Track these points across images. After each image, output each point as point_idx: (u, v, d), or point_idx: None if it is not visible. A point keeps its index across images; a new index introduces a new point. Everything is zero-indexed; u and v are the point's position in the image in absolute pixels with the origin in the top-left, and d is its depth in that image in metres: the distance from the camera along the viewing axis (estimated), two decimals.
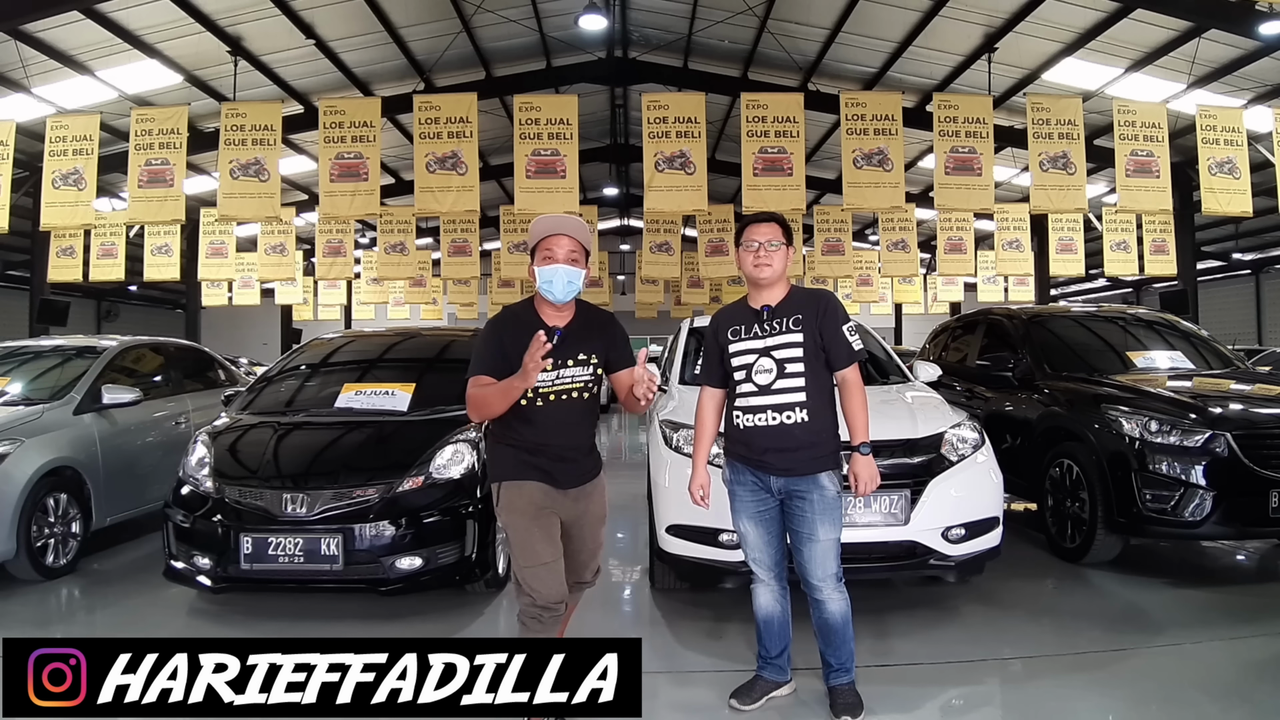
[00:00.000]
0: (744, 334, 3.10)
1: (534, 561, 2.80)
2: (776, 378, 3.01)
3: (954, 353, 7.21)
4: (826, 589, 3.02)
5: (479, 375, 2.80)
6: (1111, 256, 14.36)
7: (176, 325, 21.24)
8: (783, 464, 3.01)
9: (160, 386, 6.41)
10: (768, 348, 3.04)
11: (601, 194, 21.25)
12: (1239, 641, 3.86)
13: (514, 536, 2.85)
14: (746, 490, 3.13)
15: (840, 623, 3.05)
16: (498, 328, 2.91)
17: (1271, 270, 23.28)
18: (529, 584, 2.78)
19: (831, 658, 3.10)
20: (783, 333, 3.04)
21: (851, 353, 3.03)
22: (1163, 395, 4.93)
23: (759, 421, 3.02)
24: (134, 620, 4.37)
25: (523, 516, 2.83)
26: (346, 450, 4.44)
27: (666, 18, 13.28)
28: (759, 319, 3.09)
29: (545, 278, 2.82)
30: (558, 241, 2.84)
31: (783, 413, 3.00)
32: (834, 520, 3.01)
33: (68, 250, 13.58)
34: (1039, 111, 10.13)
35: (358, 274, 20.50)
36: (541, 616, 2.77)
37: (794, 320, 3.04)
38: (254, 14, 10.82)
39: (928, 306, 22.79)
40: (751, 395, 3.05)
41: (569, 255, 2.83)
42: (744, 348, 3.08)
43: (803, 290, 3.19)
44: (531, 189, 10.07)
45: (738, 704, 3.19)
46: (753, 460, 3.07)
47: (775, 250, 3.07)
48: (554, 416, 2.85)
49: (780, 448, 3.00)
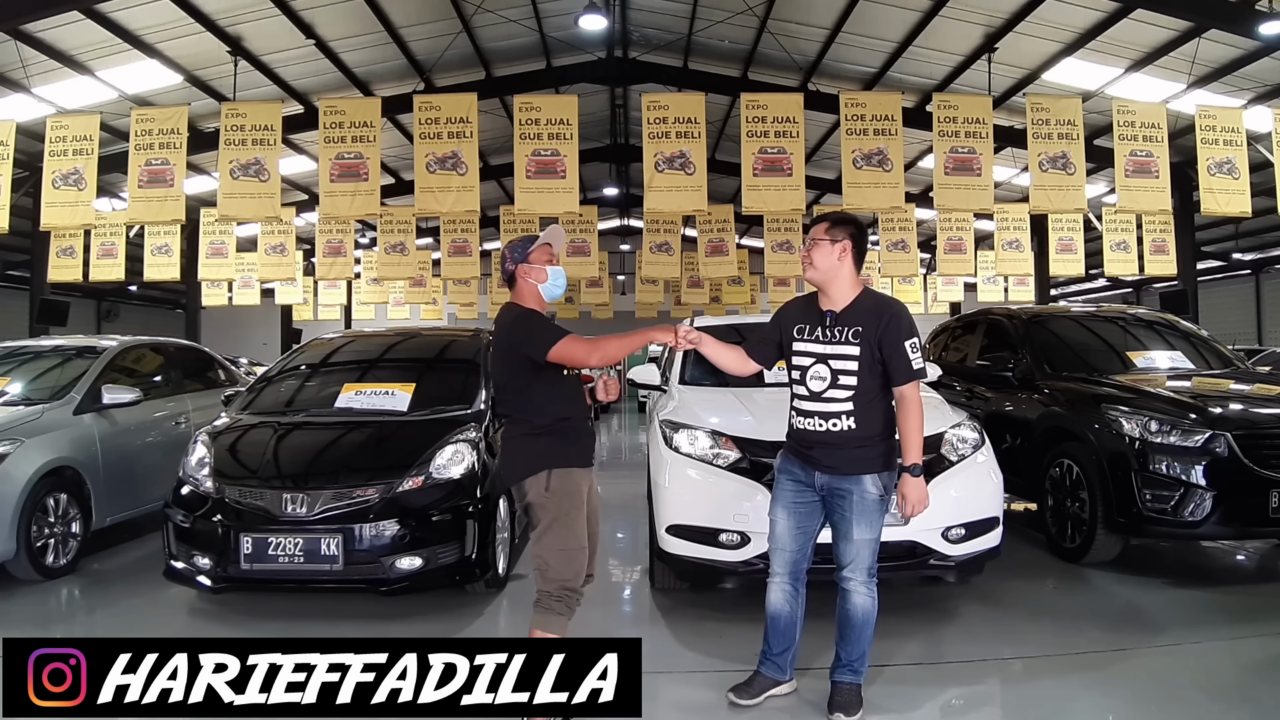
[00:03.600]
0: (807, 335, 3.09)
1: (578, 544, 2.98)
2: (829, 387, 3.01)
3: (954, 353, 7.21)
4: (855, 581, 3.05)
5: (565, 335, 3.01)
6: (1111, 256, 14.36)
7: (176, 325, 21.22)
8: (829, 461, 3.03)
9: (160, 386, 6.41)
10: (826, 355, 3.03)
11: (601, 194, 21.23)
12: (1239, 641, 3.86)
13: (563, 520, 2.98)
14: (790, 480, 3.15)
15: (860, 619, 3.05)
16: (544, 313, 3.19)
17: (1271, 270, 23.26)
18: (571, 566, 2.95)
19: (843, 652, 3.10)
20: (841, 343, 3.01)
21: (910, 371, 2.96)
22: (1163, 395, 4.94)
23: (809, 425, 3.06)
24: (134, 620, 4.37)
25: (576, 500, 3.01)
26: (346, 450, 4.45)
27: (666, 18, 13.28)
28: (823, 323, 3.07)
29: (556, 275, 3.21)
30: (549, 250, 3.23)
31: (829, 420, 3.01)
32: (871, 522, 3.01)
33: (68, 250, 13.57)
34: (1039, 112, 10.12)
35: (358, 274, 20.48)
36: (573, 599, 2.96)
37: (854, 332, 3.00)
38: (254, 14, 10.82)
39: (928, 306, 22.75)
40: (804, 399, 3.07)
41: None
42: (805, 349, 3.09)
43: (872, 297, 3.10)
44: (531, 189, 10.06)
45: (736, 698, 3.21)
46: (801, 454, 3.11)
47: (815, 248, 3.06)
48: (579, 388, 3.19)
49: (827, 444, 3.02)
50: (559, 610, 2.92)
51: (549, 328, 3.05)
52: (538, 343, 3.00)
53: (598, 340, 3.07)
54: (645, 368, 5.47)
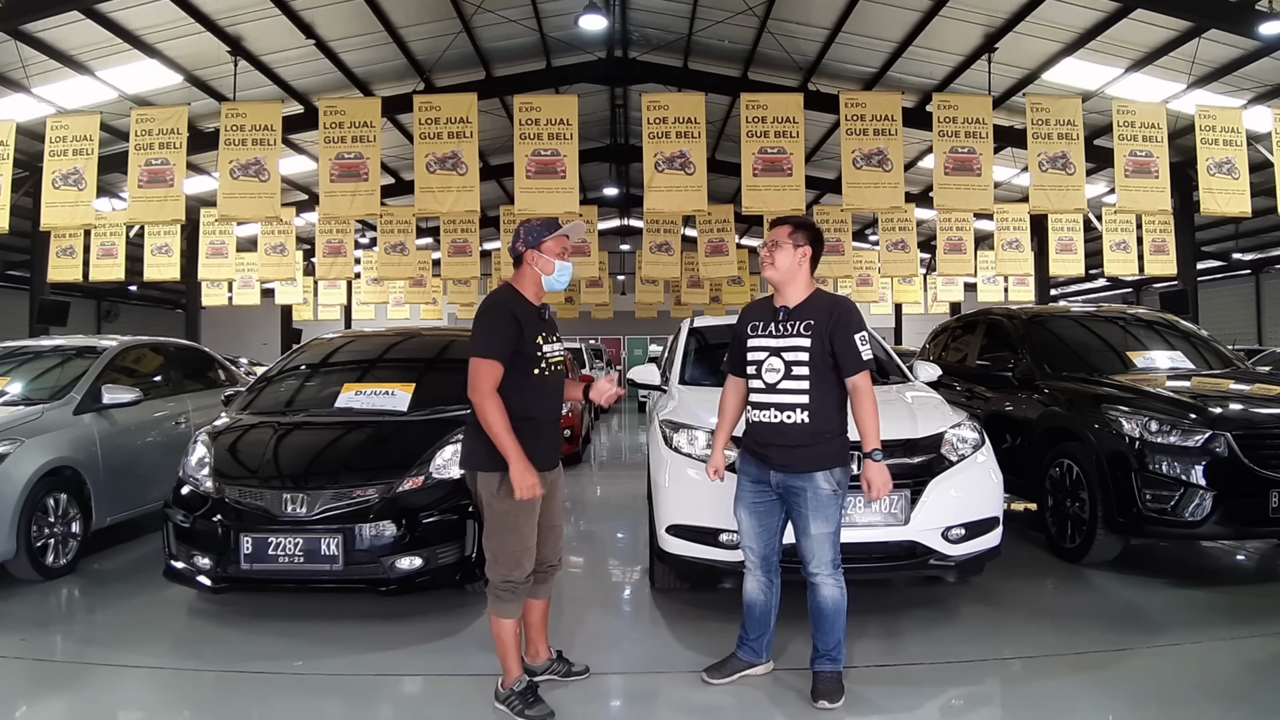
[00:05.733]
0: (761, 331, 3.25)
1: (520, 546, 3.08)
2: (782, 378, 3.14)
3: (954, 353, 7.21)
4: (821, 575, 3.16)
5: (494, 362, 3.02)
6: (1111, 256, 14.36)
7: (176, 325, 21.22)
8: (781, 460, 3.16)
9: (160, 386, 6.41)
10: (779, 348, 3.17)
11: (601, 194, 21.23)
12: (1239, 641, 3.86)
13: (509, 522, 3.06)
14: (749, 480, 3.29)
15: (832, 610, 3.16)
16: (510, 307, 3.13)
17: (1271, 270, 23.26)
18: (513, 564, 3.07)
19: (819, 643, 3.21)
20: (794, 335, 3.16)
21: (860, 362, 3.12)
22: (1163, 395, 4.93)
23: (763, 417, 3.19)
24: (134, 620, 4.36)
25: (526, 505, 3.06)
26: (346, 450, 4.44)
27: (666, 18, 13.28)
28: (776, 318, 3.22)
29: (563, 270, 3.24)
30: (565, 242, 3.26)
31: (784, 412, 3.14)
32: (827, 516, 3.13)
33: (68, 250, 13.57)
34: (1038, 112, 10.12)
35: (358, 274, 20.49)
36: (516, 590, 3.09)
37: (805, 325, 3.15)
38: (254, 14, 10.82)
39: (928, 306, 22.77)
40: (760, 392, 3.21)
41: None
42: (759, 344, 3.23)
43: (824, 296, 3.27)
44: (531, 189, 10.07)
45: (708, 677, 3.37)
46: (756, 453, 3.23)
47: (777, 250, 3.22)
48: (554, 386, 3.23)
49: (780, 444, 3.14)
50: (505, 599, 3.08)
51: (488, 338, 3.05)
52: (472, 342, 3.08)
53: (490, 399, 2.97)
54: (645, 368, 5.45)
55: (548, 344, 3.19)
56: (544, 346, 3.16)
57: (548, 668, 3.44)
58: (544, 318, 3.23)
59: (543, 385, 3.15)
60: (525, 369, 3.10)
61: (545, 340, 3.18)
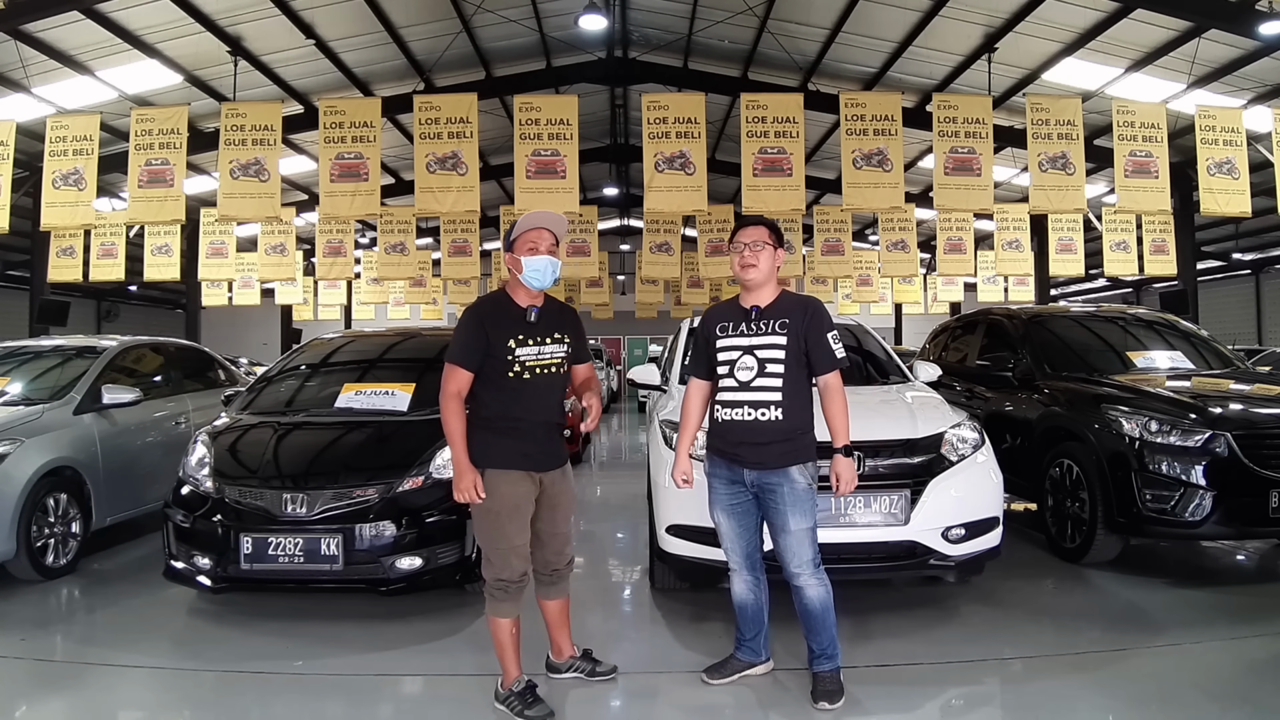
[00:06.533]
0: (731, 331, 3.26)
1: (505, 544, 3.07)
2: (756, 376, 3.16)
3: (954, 353, 7.21)
4: (804, 576, 3.15)
5: (459, 368, 3.07)
6: (1111, 256, 14.36)
7: (176, 325, 21.22)
8: (754, 457, 3.16)
9: (160, 386, 6.41)
10: (752, 346, 3.18)
11: (601, 194, 21.23)
12: (1239, 641, 3.86)
13: (489, 521, 3.07)
14: (722, 483, 3.29)
15: (820, 609, 3.15)
16: (479, 313, 3.17)
17: (1271, 270, 23.26)
18: (503, 564, 3.07)
19: (814, 644, 3.20)
20: (768, 334, 3.18)
21: (834, 359, 3.17)
22: (1163, 395, 4.93)
23: (736, 416, 3.19)
24: (134, 620, 4.36)
25: (507, 504, 3.06)
26: (346, 450, 4.44)
27: (666, 18, 13.27)
28: (747, 318, 3.23)
29: (534, 267, 3.12)
30: (540, 235, 3.15)
31: (758, 409, 3.15)
32: (805, 511, 3.14)
33: (68, 250, 13.57)
34: (1038, 112, 10.12)
35: (358, 274, 20.48)
36: (508, 589, 3.08)
37: (780, 323, 3.18)
38: (254, 14, 10.82)
39: (928, 306, 22.77)
40: (732, 390, 3.21)
41: (549, 248, 3.16)
42: (730, 344, 3.23)
43: (792, 295, 3.32)
44: (531, 189, 10.06)
45: (708, 678, 3.37)
46: (727, 453, 3.24)
47: (760, 251, 3.22)
48: (536, 389, 3.12)
49: (753, 442, 3.15)
50: (499, 598, 3.09)
51: (454, 344, 3.11)
52: (450, 345, 3.12)
53: (450, 400, 3.05)
54: (645, 368, 5.45)
55: (524, 347, 3.08)
56: (517, 350, 3.07)
57: (571, 665, 3.45)
58: (528, 320, 3.12)
59: (520, 387, 3.08)
60: (498, 371, 3.08)
61: (521, 343, 3.08)
